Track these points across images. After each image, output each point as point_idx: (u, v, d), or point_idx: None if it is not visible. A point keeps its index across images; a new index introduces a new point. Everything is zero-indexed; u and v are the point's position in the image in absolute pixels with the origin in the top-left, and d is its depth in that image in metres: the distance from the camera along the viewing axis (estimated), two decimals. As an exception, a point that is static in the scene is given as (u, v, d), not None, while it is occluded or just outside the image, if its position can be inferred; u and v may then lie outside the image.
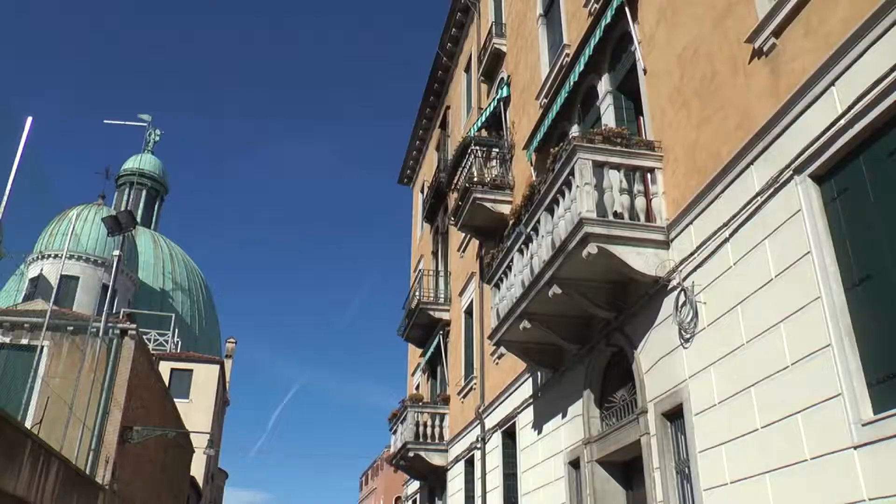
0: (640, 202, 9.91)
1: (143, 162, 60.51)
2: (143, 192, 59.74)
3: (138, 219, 48.40)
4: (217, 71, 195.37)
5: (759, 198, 7.82)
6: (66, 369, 18.88)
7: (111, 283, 20.85)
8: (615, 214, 9.70)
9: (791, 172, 7.34)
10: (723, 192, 8.52)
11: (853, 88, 6.56)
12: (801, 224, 7.15)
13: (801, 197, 7.19)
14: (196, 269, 59.38)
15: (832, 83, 6.84)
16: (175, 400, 29.41)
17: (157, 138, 62.64)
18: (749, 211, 7.98)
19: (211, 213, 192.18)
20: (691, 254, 9.04)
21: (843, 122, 6.67)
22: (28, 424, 16.03)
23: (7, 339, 19.35)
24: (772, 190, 7.62)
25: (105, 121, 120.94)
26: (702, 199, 8.92)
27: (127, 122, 63.92)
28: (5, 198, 12.35)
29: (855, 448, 6.22)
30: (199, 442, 31.22)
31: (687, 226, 9.25)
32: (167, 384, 30.04)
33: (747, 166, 8.09)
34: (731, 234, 8.27)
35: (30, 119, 12.90)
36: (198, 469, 37.36)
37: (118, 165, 60.26)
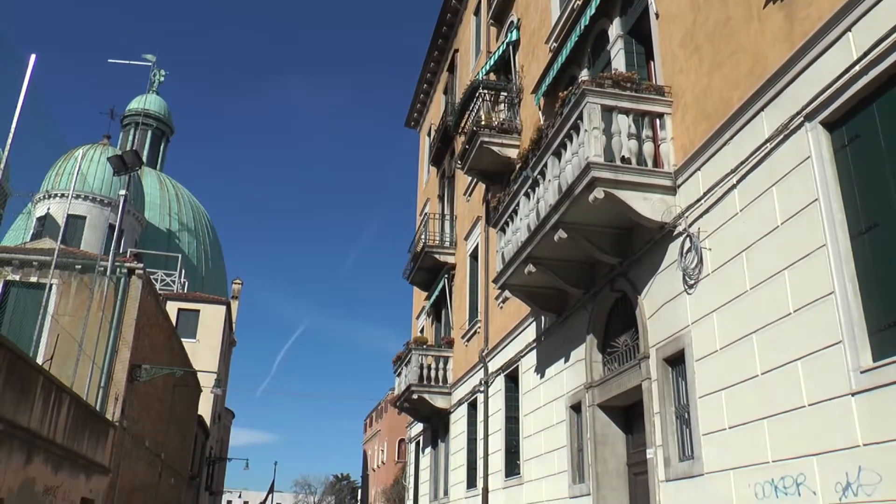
0: (648, 147, 9.86)
1: (148, 102, 60.09)
2: (149, 133, 59.44)
3: (144, 159, 48.25)
4: (221, 9, 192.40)
5: (768, 144, 7.77)
6: (75, 307, 19.08)
7: (118, 223, 20.93)
8: (623, 159, 9.66)
9: (802, 119, 7.28)
10: (732, 138, 8.46)
11: (870, 34, 6.46)
12: (809, 171, 7.12)
13: (811, 144, 7.14)
14: (202, 209, 59.46)
15: (848, 29, 6.73)
16: (182, 340, 29.77)
17: (162, 79, 62.10)
18: (758, 157, 7.94)
19: (216, 155, 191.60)
20: (698, 200, 9.03)
21: (857, 68, 6.59)
22: (39, 361, 16.26)
23: (17, 277, 19.50)
24: (781, 136, 7.56)
25: (109, 60, 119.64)
26: (710, 146, 8.87)
27: (131, 62, 63.24)
28: (10, 136, 12.32)
29: (853, 395, 6.30)
30: (206, 381, 31.68)
31: (694, 172, 9.21)
32: (174, 324, 30.34)
33: (758, 112, 8.02)
34: (739, 181, 8.25)
35: (33, 56, 12.77)
36: (205, 408, 38.00)
37: (123, 106, 59.93)
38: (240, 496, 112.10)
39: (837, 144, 6.99)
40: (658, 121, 10.09)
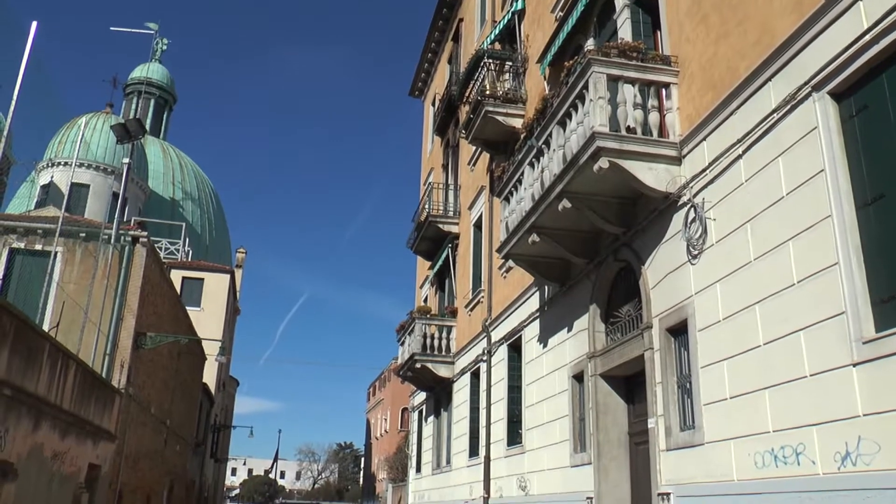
0: (653, 117, 9.82)
1: (150, 71, 59.70)
2: (152, 102, 59.15)
3: (147, 128, 48.06)
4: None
5: (774, 115, 7.73)
6: (80, 275, 19.16)
7: (122, 191, 20.91)
8: (628, 129, 9.62)
9: (809, 89, 7.24)
10: (738, 108, 8.42)
11: (881, 3, 6.39)
12: (816, 142, 7.09)
13: (819, 114, 7.10)
14: (205, 178, 59.36)
15: (859, -3, 6.65)
16: (187, 308, 29.89)
17: (165, 47, 61.64)
18: (764, 128, 7.90)
19: (219, 124, 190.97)
20: (703, 170, 9.00)
21: (867, 37, 6.53)
22: (45, 328, 16.36)
23: (21, 245, 19.57)
24: (788, 107, 7.52)
25: (111, 28, 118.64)
26: (716, 116, 8.82)
27: (133, 30, 62.79)
28: (13, 104, 12.28)
29: (854, 365, 6.34)
30: (211, 349, 31.84)
31: (700, 142, 9.18)
32: (179, 293, 30.46)
33: (765, 83, 7.96)
34: (745, 151, 8.22)
35: (34, 24, 12.69)
36: (210, 376, 38.25)
37: (125, 75, 59.53)
38: (244, 463, 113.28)
39: (845, 115, 6.95)
40: (664, 90, 10.04)
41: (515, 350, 15.93)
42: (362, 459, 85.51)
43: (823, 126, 7.03)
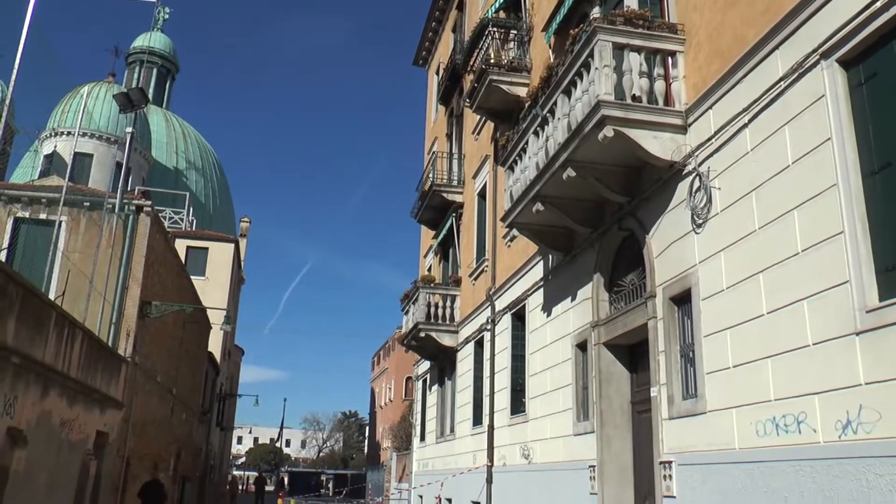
0: (659, 86, 9.74)
1: (152, 40, 59.24)
2: (154, 71, 58.81)
3: (149, 97, 47.83)
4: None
5: (782, 83, 7.67)
6: (85, 244, 19.21)
7: (125, 160, 20.90)
8: (633, 98, 9.56)
9: (818, 57, 7.16)
10: (745, 76, 8.34)
11: (890, -32, 6.30)
12: (823, 110, 7.03)
13: (827, 82, 7.04)
14: (209, 147, 59.21)
15: (868, -38, 6.56)
16: (191, 277, 29.98)
17: (167, 17, 61.15)
18: (771, 96, 7.84)
19: (221, 94, 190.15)
20: (709, 139, 8.95)
21: (878, 4, 6.43)
22: (51, 297, 16.44)
23: (26, 214, 19.61)
24: (796, 75, 7.45)
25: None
26: (723, 84, 8.75)
27: (135, -1, 62.13)
28: (14, 73, 12.22)
29: (857, 334, 6.35)
30: (216, 318, 31.99)
31: (706, 111, 9.12)
32: (183, 262, 30.54)
33: (772, 50, 7.88)
34: (751, 120, 8.16)
35: (35, -10, 12.58)
36: (215, 345, 38.46)
37: (127, 44, 59.13)
38: (250, 432, 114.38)
39: (853, 83, 6.88)
40: (670, 59, 9.95)
41: (519, 319, 15.99)
42: (367, 428, 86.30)
43: (831, 94, 6.97)
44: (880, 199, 6.42)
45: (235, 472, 75.85)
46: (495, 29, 17.41)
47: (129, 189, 26.78)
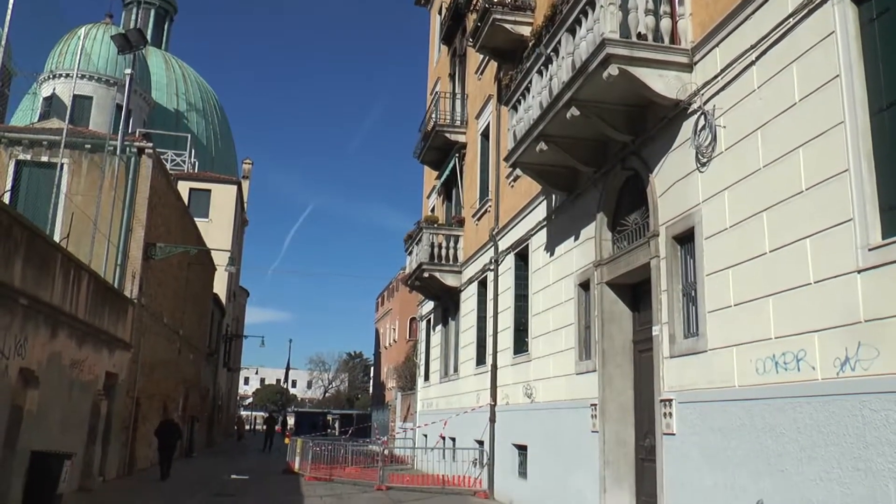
0: (665, 23, 9.58)
1: (149, -21, 58.22)
2: (151, 12, 57.94)
3: (148, 39, 47.16)
4: None
5: (791, 19, 7.53)
6: (87, 187, 19.21)
7: (125, 102, 20.75)
8: (639, 36, 9.42)
9: (828, -9, 7.02)
10: (753, 13, 8.19)
11: None
12: (832, 47, 6.92)
13: (837, 18, 6.91)
14: (209, 89, 58.65)
15: None
16: (195, 219, 30.03)
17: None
18: (779, 33, 7.70)
19: (220, 34, 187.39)
20: (714, 77, 8.84)
21: (889, -65, 6.29)
22: (56, 239, 16.52)
23: (28, 157, 19.56)
24: (806, 11, 7.31)
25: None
26: (730, 21, 8.60)
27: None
28: (9, 13, 12.05)
29: (859, 272, 6.37)
30: (220, 260, 32.17)
31: (712, 49, 8.98)
32: (186, 204, 30.54)
33: (782, -15, 7.71)
34: (758, 57, 8.04)
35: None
36: (220, 287, 38.76)
37: (124, -17, 58.08)
38: (256, 373, 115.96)
39: (865, 18, 6.76)
40: (677, -5, 9.75)
41: (522, 259, 16.05)
42: (372, 369, 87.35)
43: (841, 30, 6.85)
44: (887, 137, 6.37)
45: (242, 413, 77.06)
46: (499, -35, 17.04)
47: (130, 131, 26.64)
